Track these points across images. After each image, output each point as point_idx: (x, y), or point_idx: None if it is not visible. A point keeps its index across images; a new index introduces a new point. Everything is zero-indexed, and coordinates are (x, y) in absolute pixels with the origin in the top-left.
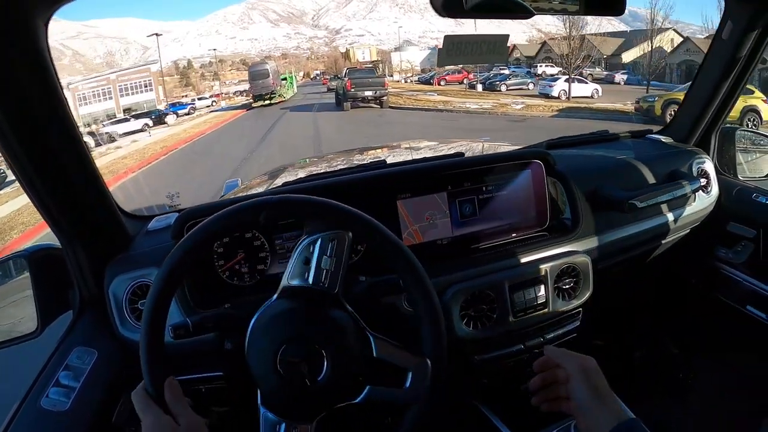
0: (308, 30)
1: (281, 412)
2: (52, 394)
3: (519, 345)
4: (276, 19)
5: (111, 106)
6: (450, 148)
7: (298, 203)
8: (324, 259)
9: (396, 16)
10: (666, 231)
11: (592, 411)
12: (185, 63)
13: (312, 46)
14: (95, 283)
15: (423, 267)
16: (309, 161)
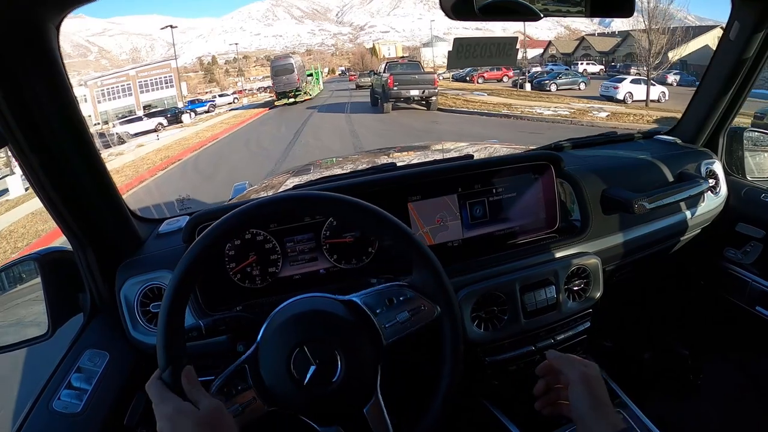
0: (332, 26)
1: (310, 417)
2: (64, 396)
3: (530, 346)
4: (300, 16)
5: (131, 103)
6: (460, 151)
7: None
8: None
9: (420, 13)
10: (675, 232)
11: (589, 420)
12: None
13: (336, 42)
14: (106, 286)
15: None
16: (318, 164)
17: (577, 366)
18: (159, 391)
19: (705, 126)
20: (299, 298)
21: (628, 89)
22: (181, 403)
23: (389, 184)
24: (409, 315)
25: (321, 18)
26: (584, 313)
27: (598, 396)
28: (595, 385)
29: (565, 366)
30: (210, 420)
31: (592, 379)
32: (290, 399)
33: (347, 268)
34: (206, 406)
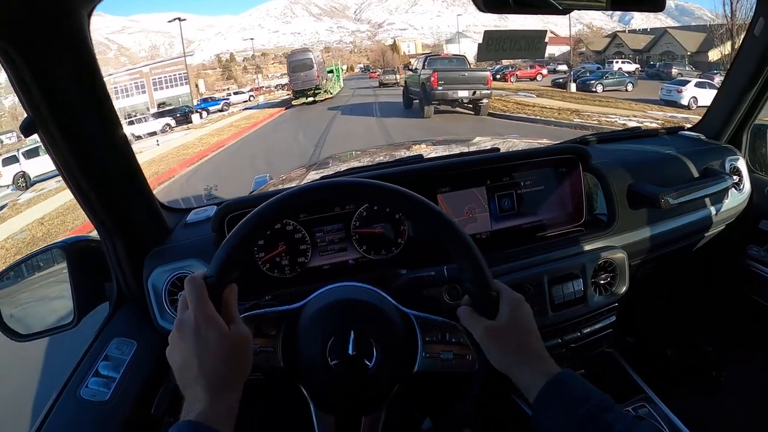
0: (351, 24)
1: (329, 405)
2: (92, 384)
3: (557, 339)
4: (318, 13)
5: (145, 101)
6: (484, 144)
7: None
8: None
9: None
10: (699, 228)
11: (513, 372)
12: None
13: (354, 39)
14: (133, 275)
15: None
16: (341, 157)
17: (479, 323)
18: (199, 291)
19: (729, 122)
20: (363, 287)
21: (693, 93)
22: (216, 314)
23: (419, 176)
24: (452, 357)
25: (339, 15)
26: (610, 307)
27: (515, 346)
28: (508, 335)
29: (470, 326)
30: (234, 345)
31: (499, 331)
32: (310, 371)
33: (376, 259)
34: (237, 330)
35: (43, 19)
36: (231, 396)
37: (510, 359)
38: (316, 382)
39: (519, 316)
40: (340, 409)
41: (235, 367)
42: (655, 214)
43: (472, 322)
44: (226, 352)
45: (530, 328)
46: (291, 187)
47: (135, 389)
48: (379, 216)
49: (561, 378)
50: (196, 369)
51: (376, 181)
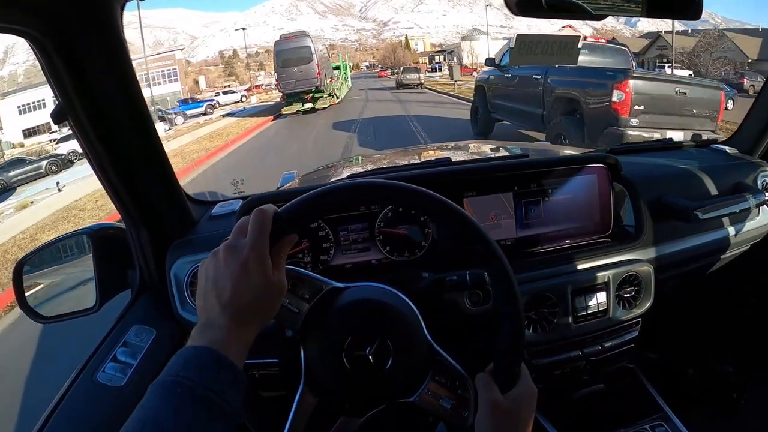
0: (356, 22)
1: (335, 402)
2: (109, 369)
3: (577, 351)
4: (324, 11)
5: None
6: (511, 150)
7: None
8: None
9: (444, 9)
10: (727, 245)
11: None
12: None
13: (360, 38)
14: (156, 265)
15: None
16: (369, 158)
17: (488, 391)
18: (264, 225)
19: (763, 137)
20: (386, 289)
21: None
22: (268, 254)
23: (446, 179)
24: (449, 407)
25: (344, 13)
26: (633, 322)
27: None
28: (505, 416)
29: (480, 388)
30: (271, 290)
31: (500, 409)
32: (321, 351)
33: (399, 261)
34: (279, 277)
35: (78, 9)
36: (250, 333)
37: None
38: (319, 367)
39: (526, 408)
40: (358, 410)
41: (262, 310)
42: (684, 229)
43: (483, 387)
44: (262, 292)
45: (527, 423)
46: (325, 184)
47: (151, 376)
48: (404, 217)
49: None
50: (228, 295)
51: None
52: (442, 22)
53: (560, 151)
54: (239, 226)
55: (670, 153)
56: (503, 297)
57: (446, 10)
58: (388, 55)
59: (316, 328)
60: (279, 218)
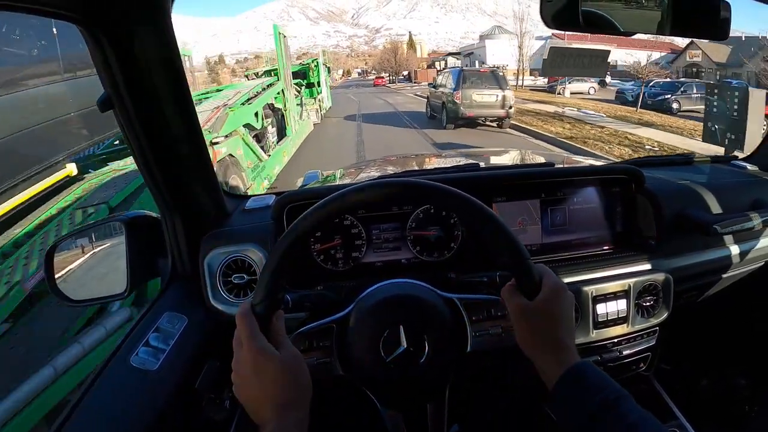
0: (348, 28)
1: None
2: (142, 353)
3: (596, 357)
4: (315, 17)
5: None
6: (537, 158)
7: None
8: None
9: (437, 16)
10: (746, 260)
11: (535, 355)
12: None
13: (352, 44)
14: (189, 254)
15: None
16: (397, 159)
17: (514, 299)
18: (250, 324)
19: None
20: (405, 281)
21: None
22: (267, 343)
23: (477, 183)
24: (501, 331)
25: (336, 20)
26: (651, 331)
27: (539, 329)
28: (540, 318)
29: (506, 299)
30: (290, 368)
31: (530, 312)
32: (369, 371)
33: (429, 261)
34: (289, 354)
35: (131, 3)
36: (297, 414)
37: (534, 342)
38: (376, 381)
39: (555, 303)
40: (404, 403)
41: (294, 389)
42: (703, 242)
43: (509, 297)
44: (283, 378)
45: (563, 317)
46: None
47: (182, 362)
48: (435, 219)
49: (579, 367)
50: (261, 399)
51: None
52: (434, 29)
53: (584, 162)
54: (235, 340)
55: (692, 168)
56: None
57: (438, 17)
58: (388, 57)
59: (350, 357)
60: (255, 309)
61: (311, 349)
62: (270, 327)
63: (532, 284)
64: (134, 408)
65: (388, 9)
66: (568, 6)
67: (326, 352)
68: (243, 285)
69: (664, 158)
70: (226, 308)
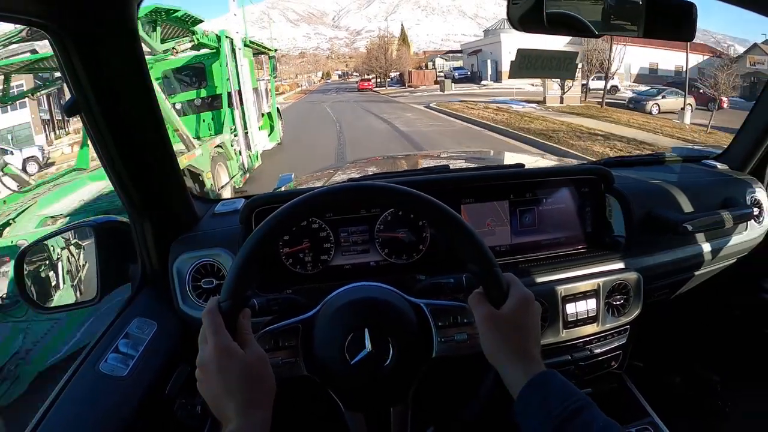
0: (328, 30)
1: (356, 402)
2: (111, 360)
3: (566, 356)
4: (296, 19)
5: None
6: (509, 159)
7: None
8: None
9: (418, 18)
10: (716, 257)
11: (500, 365)
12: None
13: (332, 46)
14: (159, 259)
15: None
16: (367, 161)
17: (481, 308)
18: (215, 321)
19: (753, 154)
20: (372, 285)
21: None
22: (232, 342)
23: (444, 186)
24: (466, 338)
25: (317, 22)
26: (621, 329)
27: (505, 338)
28: (501, 326)
29: (473, 307)
30: (254, 367)
31: (498, 320)
32: (333, 372)
33: (397, 263)
34: (254, 352)
35: (96, 4)
36: (260, 413)
37: (499, 351)
38: (340, 383)
39: (522, 313)
40: (368, 405)
41: (258, 388)
42: (673, 241)
43: (476, 305)
44: (246, 376)
45: (529, 327)
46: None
47: (152, 368)
48: (403, 221)
49: (543, 377)
50: (224, 397)
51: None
52: (415, 31)
53: (555, 162)
54: (201, 337)
55: (663, 167)
56: (446, 227)
57: (419, 19)
58: (376, 55)
59: (315, 358)
60: (221, 307)
61: (276, 349)
62: (236, 325)
63: (499, 292)
64: (104, 415)
65: (368, 11)
66: (533, 8)
67: (291, 352)
68: (212, 289)
69: (635, 158)
70: (196, 313)
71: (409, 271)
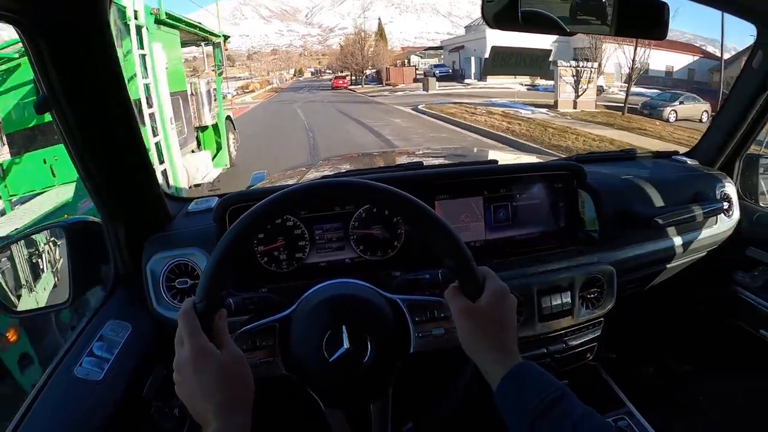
0: (301, 27)
1: (335, 400)
2: (86, 364)
3: (542, 349)
4: (269, 16)
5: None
6: (483, 156)
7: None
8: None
9: (391, 16)
10: (687, 250)
11: (478, 357)
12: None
13: (305, 43)
14: (132, 260)
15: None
16: (341, 158)
17: (457, 301)
18: (191, 322)
19: (722, 150)
20: (348, 282)
21: None
22: (208, 343)
23: (418, 182)
24: (444, 332)
25: (290, 18)
26: (596, 322)
27: (482, 330)
28: (477, 319)
29: (450, 301)
30: (231, 368)
31: (475, 313)
32: (311, 371)
33: (372, 260)
34: (231, 353)
35: (68, 2)
36: (239, 415)
37: (477, 344)
38: (319, 381)
39: (498, 305)
40: (347, 402)
41: (236, 389)
42: (645, 234)
43: (452, 299)
44: (224, 378)
45: (505, 319)
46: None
47: (127, 371)
48: (378, 218)
49: (520, 369)
50: (202, 399)
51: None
52: (389, 29)
53: (528, 158)
54: (177, 339)
55: (634, 163)
56: (421, 223)
57: (393, 16)
58: (352, 50)
59: (293, 357)
60: (197, 308)
61: (254, 349)
62: (212, 326)
63: (475, 286)
64: (80, 420)
65: (342, 8)
66: (508, 6)
67: (269, 352)
68: (187, 290)
69: (607, 154)
70: (171, 314)
71: (384, 267)
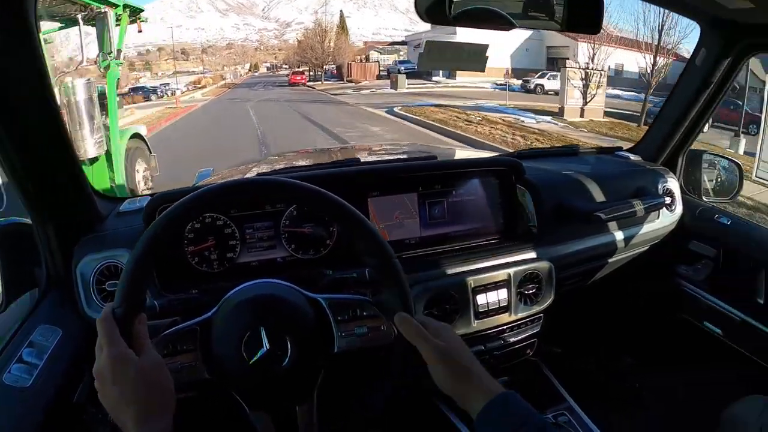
0: (258, 21)
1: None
2: (15, 371)
3: (480, 346)
4: (225, 9)
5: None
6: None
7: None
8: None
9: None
10: (629, 245)
11: (458, 393)
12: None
13: (261, 38)
14: (63, 262)
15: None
16: (282, 156)
17: (427, 343)
18: (110, 329)
19: (666, 145)
20: (268, 282)
21: None
22: (126, 349)
23: (351, 179)
24: (367, 331)
25: (246, 12)
26: (535, 318)
27: (461, 366)
28: (455, 356)
29: (417, 344)
30: (150, 374)
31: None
32: (232, 373)
33: (304, 259)
34: (149, 359)
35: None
36: (160, 421)
37: (457, 380)
38: (241, 383)
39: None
40: (271, 404)
41: (155, 395)
42: (585, 229)
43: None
44: (142, 384)
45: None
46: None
47: (57, 376)
48: (309, 216)
49: (500, 399)
50: (122, 406)
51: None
52: (347, 24)
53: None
54: (97, 346)
55: (577, 159)
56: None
57: (351, 12)
58: (312, 44)
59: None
60: (115, 313)
61: (175, 353)
62: (131, 331)
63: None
64: (9, 427)
65: (299, 3)
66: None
67: (191, 356)
68: None
69: (550, 150)
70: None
71: (316, 266)
